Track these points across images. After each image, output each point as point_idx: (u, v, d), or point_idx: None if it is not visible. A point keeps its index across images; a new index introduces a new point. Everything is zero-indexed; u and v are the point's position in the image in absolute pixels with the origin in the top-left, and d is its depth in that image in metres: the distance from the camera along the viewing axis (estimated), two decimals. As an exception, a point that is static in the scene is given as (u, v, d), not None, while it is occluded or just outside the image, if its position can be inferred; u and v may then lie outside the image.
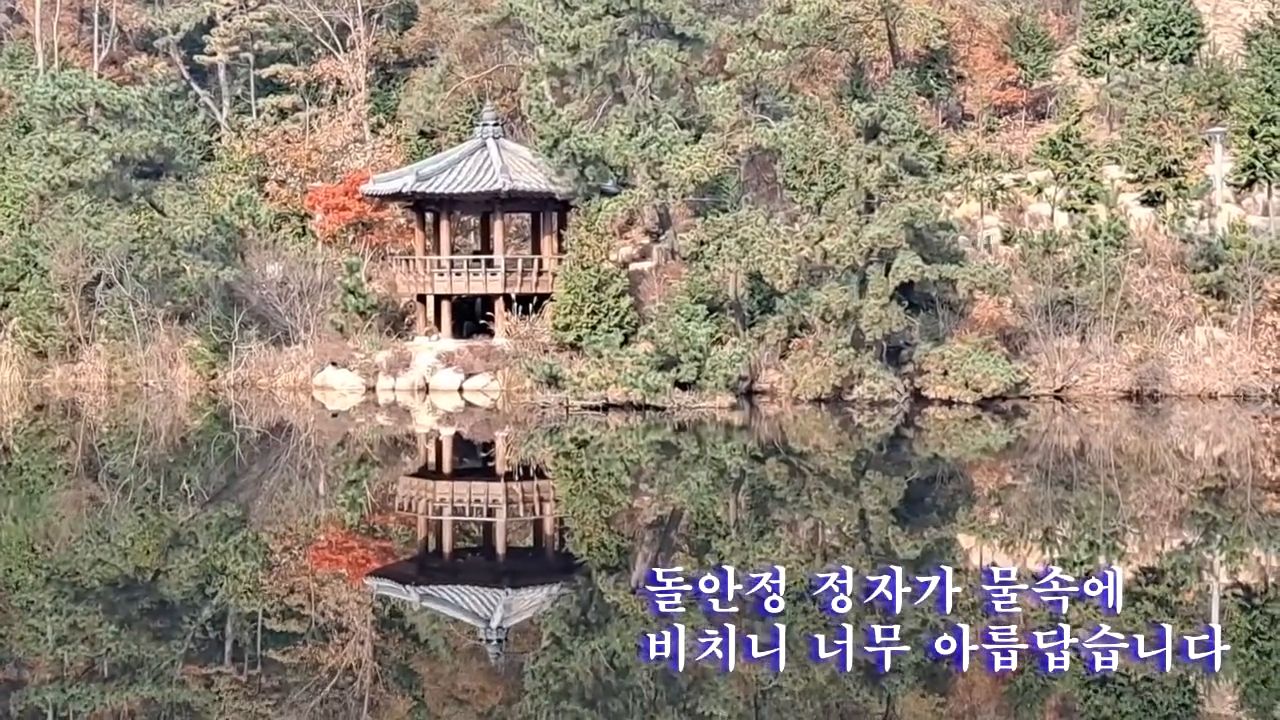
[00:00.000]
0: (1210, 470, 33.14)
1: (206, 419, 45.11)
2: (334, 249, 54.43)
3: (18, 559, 24.46)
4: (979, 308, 44.66)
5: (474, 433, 42.03)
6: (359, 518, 28.44)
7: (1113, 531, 25.61)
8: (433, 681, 17.37)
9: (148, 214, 52.55)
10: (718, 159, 46.13)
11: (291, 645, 18.50)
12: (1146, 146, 49.11)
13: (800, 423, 40.27)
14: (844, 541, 25.06)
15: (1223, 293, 44.85)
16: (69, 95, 54.03)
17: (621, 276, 46.84)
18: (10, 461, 37.01)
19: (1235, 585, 21.50)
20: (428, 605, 21.13)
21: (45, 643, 18.37)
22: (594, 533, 26.40)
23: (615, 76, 48.61)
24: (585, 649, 17.98)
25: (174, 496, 31.10)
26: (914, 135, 42.99)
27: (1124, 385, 43.85)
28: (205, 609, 20.42)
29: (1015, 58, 55.24)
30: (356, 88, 63.09)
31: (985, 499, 29.78)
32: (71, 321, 52.75)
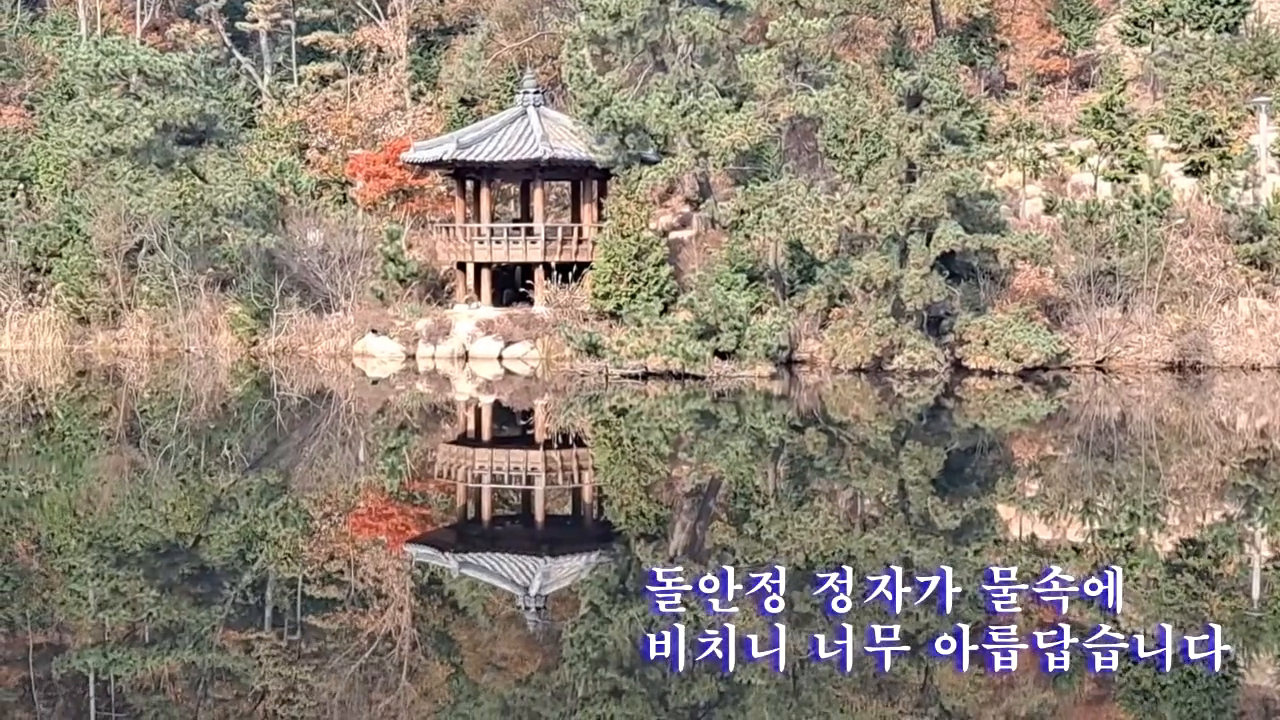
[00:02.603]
0: (1252, 442, 32.98)
1: (247, 385, 45.30)
2: (374, 216, 54.49)
3: (60, 524, 24.61)
4: (1020, 278, 44.49)
5: (513, 401, 42.09)
6: (398, 484, 28.52)
7: (1153, 503, 25.51)
8: (471, 649, 17.41)
9: (189, 181, 52.67)
10: (759, 127, 45.99)
11: (331, 611, 18.57)
12: (1190, 116, 48.81)
13: (840, 392, 40.21)
14: (883, 512, 25.02)
15: (1266, 263, 44.63)
16: (112, 62, 54.14)
17: (661, 245, 46.80)
18: (53, 427, 37.24)
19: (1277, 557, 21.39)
20: (466, 572, 21.18)
21: (87, 607, 18.49)
22: (633, 501, 26.42)
23: (656, 44, 48.44)
24: (624, 617, 17.99)
25: (215, 462, 31.24)
26: (956, 104, 42.75)
27: (1166, 356, 43.67)
28: (245, 574, 20.52)
29: (1059, 26, 54.89)
30: (397, 55, 63.08)
31: (1025, 470, 29.70)
32: (114, 288, 52.94)
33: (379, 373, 47.14)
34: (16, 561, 21.76)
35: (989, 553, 21.73)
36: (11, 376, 47.81)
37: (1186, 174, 48.65)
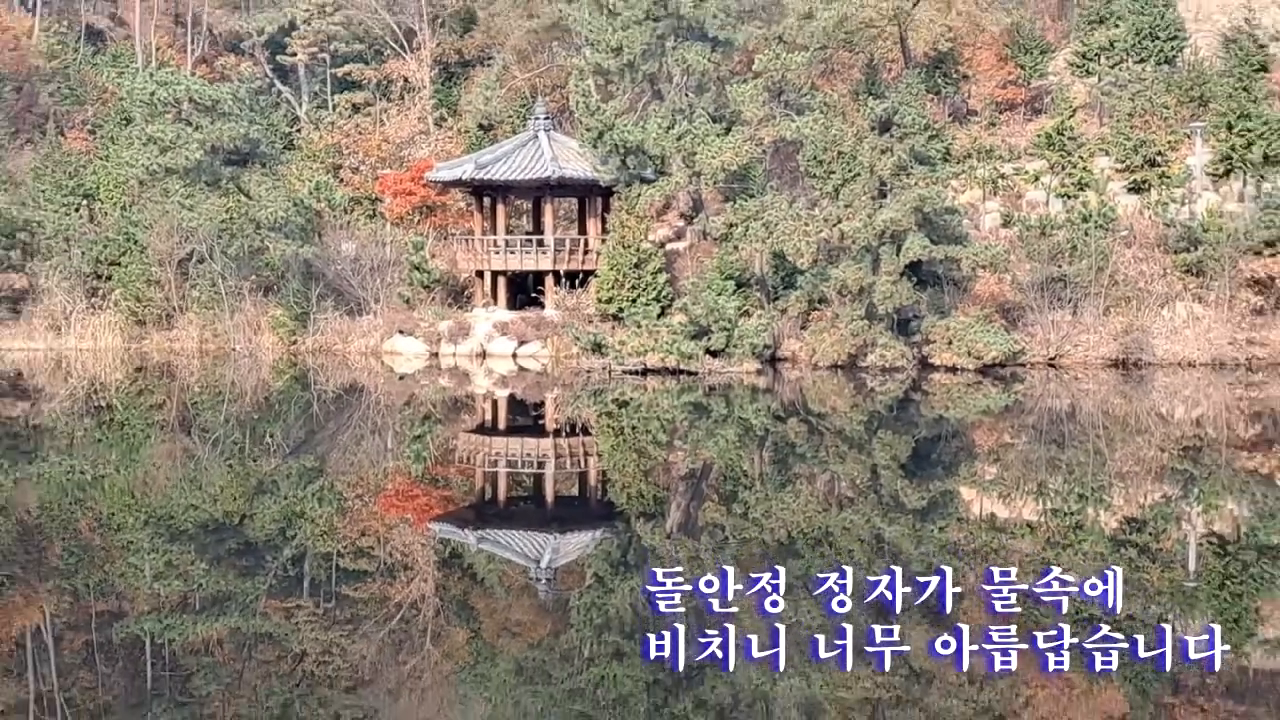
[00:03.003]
0: (1188, 431, 32.97)
1: (287, 380, 45.28)
2: (401, 229, 54.53)
3: (120, 504, 24.61)
4: (980, 284, 44.50)
5: (526, 394, 42.06)
6: (423, 469, 28.49)
7: (1100, 486, 25.51)
8: (488, 615, 17.39)
9: (236, 197, 52.67)
10: (746, 150, 46.06)
11: (362, 582, 18.55)
12: (1133, 140, 48.90)
13: (818, 387, 40.19)
14: (857, 493, 25.00)
15: (1201, 271, 44.67)
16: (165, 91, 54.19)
17: (658, 255, 46.78)
18: (113, 417, 37.23)
19: (1210, 534, 21.38)
20: (484, 547, 21.17)
21: (143, 578, 18.47)
22: (633, 483, 26.40)
23: (654, 75, 48.46)
24: (625, 587, 17.98)
25: (258, 449, 31.23)
26: (923, 129, 42.76)
27: (1111, 354, 43.76)
28: (285, 549, 20.50)
29: (1015, 59, 54.90)
30: (422, 85, 63.08)
31: (984, 456, 29.68)
32: (168, 293, 52.98)
33: (405, 369, 47.15)
34: (81, 537, 21.76)
35: (952, 530, 21.73)
36: (76, 372, 47.82)
37: (1129, 191, 48.68)
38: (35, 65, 66.14)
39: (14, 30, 67.49)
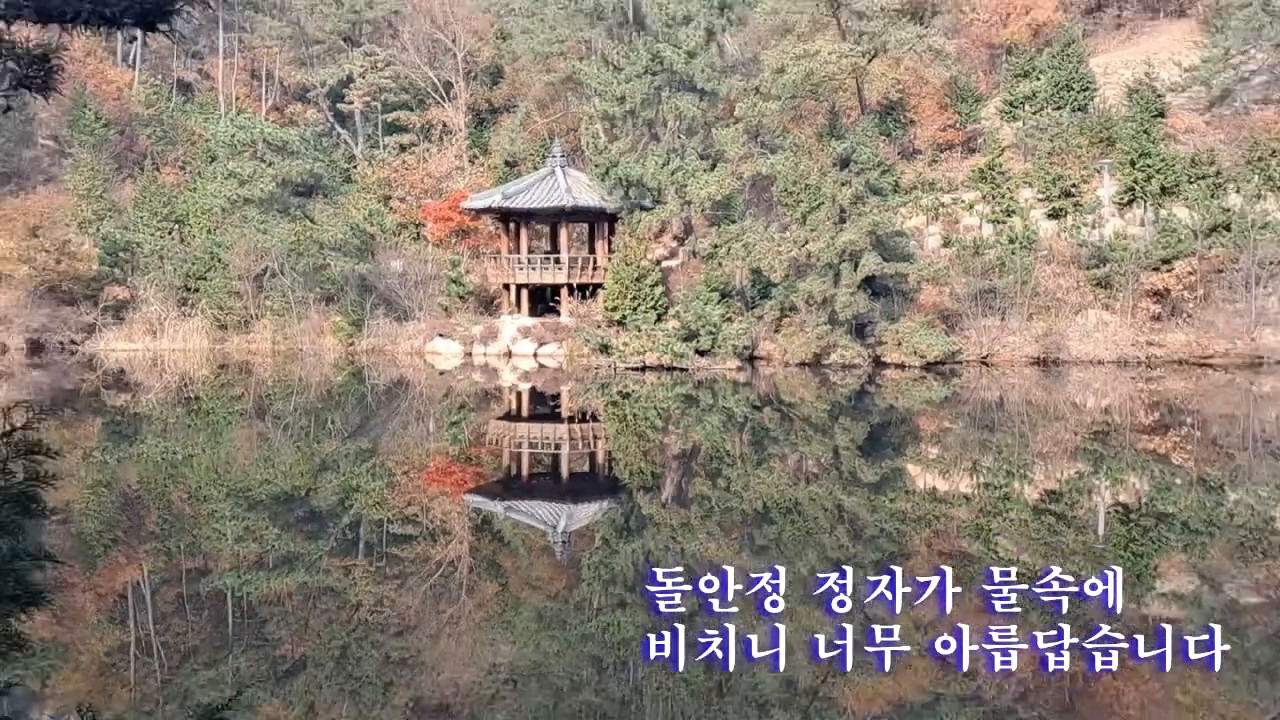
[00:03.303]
0: (1097, 418, 33.01)
1: (345, 376, 45.31)
2: (441, 250, 54.54)
3: (206, 479, 24.65)
4: (924, 295, 44.49)
5: (545, 387, 42.09)
6: (459, 450, 28.54)
7: (1024, 463, 25.54)
8: (513, 572, 17.42)
9: (303, 223, 52.75)
10: (728, 182, 46.10)
11: (408, 544, 18.58)
12: (1051, 174, 48.89)
13: (789, 381, 40.21)
14: (821, 469, 25.04)
15: (1108, 284, 44.68)
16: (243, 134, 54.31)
17: (655, 271, 46.78)
18: (200, 407, 37.28)
19: (1115, 504, 21.41)
20: (510, 515, 21.21)
21: (226, 541, 18.51)
22: (634, 462, 26.45)
23: (651, 121, 48.47)
24: (628, 548, 18.01)
25: (321, 433, 31.28)
26: (876, 165, 42.73)
27: (1033, 354, 43.79)
28: (344, 516, 20.53)
29: (953, 107, 54.82)
30: (458, 129, 63.07)
31: (928, 439, 29.72)
32: (246, 302, 53.01)
33: (444, 366, 47.18)
34: (173, 507, 21.80)
35: (901, 500, 21.75)
36: (169, 369, 47.85)
37: (1048, 217, 48.66)
38: (135, 112, 66.16)
39: (117, 83, 67.49)
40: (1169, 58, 56.00)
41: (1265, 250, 43.76)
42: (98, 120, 62.34)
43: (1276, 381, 39.26)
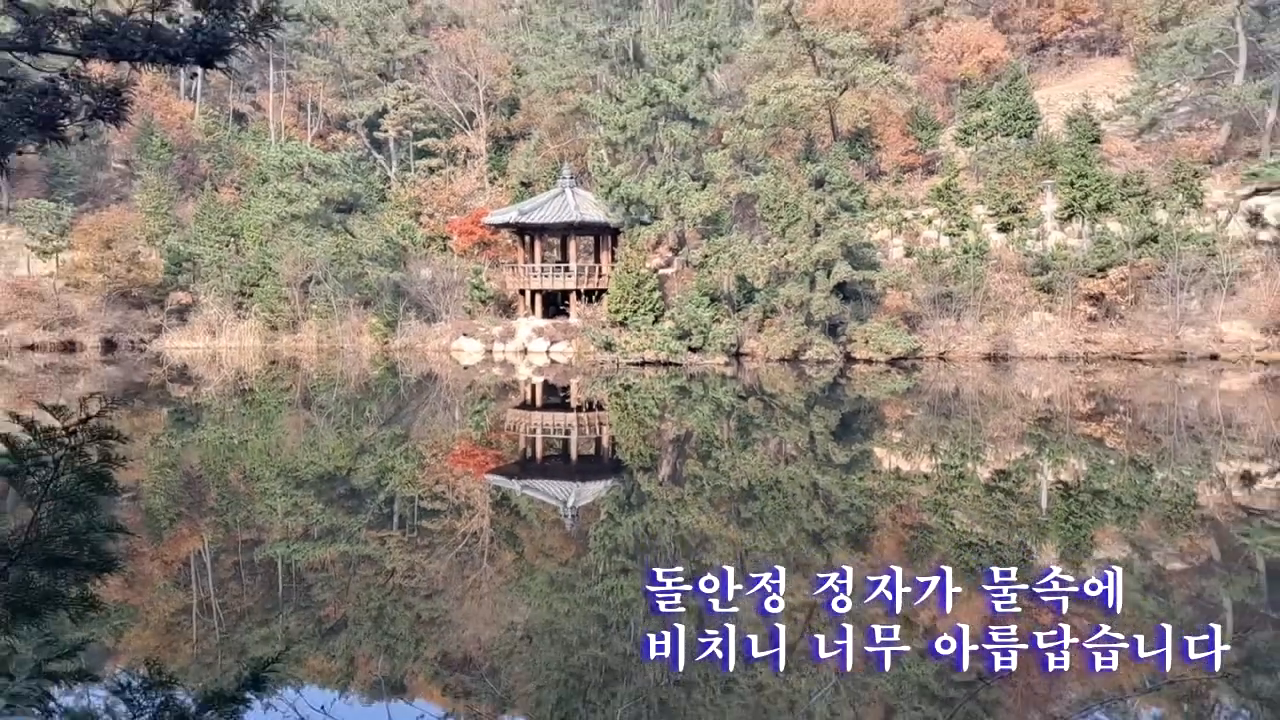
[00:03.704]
0: (1041, 407, 33.01)
1: (381, 370, 45.31)
2: (465, 259, 54.51)
3: (258, 460, 24.65)
4: (889, 299, 44.52)
5: (556, 380, 42.10)
6: (481, 435, 28.53)
7: (977, 446, 25.54)
8: (529, 541, 17.41)
9: (343, 236, 52.74)
10: (717, 200, 46.08)
11: (436, 517, 18.58)
12: (1001, 193, 48.92)
13: (770, 374, 40.21)
14: (799, 451, 25.03)
15: (1051, 289, 44.73)
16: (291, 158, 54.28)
17: (653, 278, 46.81)
18: (253, 397, 37.27)
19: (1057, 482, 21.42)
20: (525, 491, 21.21)
21: (276, 515, 18.50)
22: (634, 445, 26.43)
23: (649, 146, 48.46)
24: (629, 521, 18.00)
25: (359, 420, 31.28)
26: (846, 185, 42.74)
27: (984, 350, 43.82)
28: (380, 493, 20.53)
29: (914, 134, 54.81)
30: (479, 154, 63.03)
31: (892, 424, 29.71)
32: (293, 306, 53.01)
33: (467, 362, 47.16)
34: (230, 486, 21.80)
35: (869, 479, 21.74)
36: (225, 365, 47.84)
37: (998, 230, 48.70)
38: (196, 139, 66.11)
39: (180, 114, 67.46)
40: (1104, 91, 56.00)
41: (1188, 260, 43.83)
42: (163, 146, 62.33)
43: (1197, 374, 39.28)
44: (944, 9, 63.06)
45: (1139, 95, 52.89)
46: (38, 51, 5.44)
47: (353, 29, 67.22)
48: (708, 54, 48.78)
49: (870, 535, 17.38)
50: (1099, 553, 15.86)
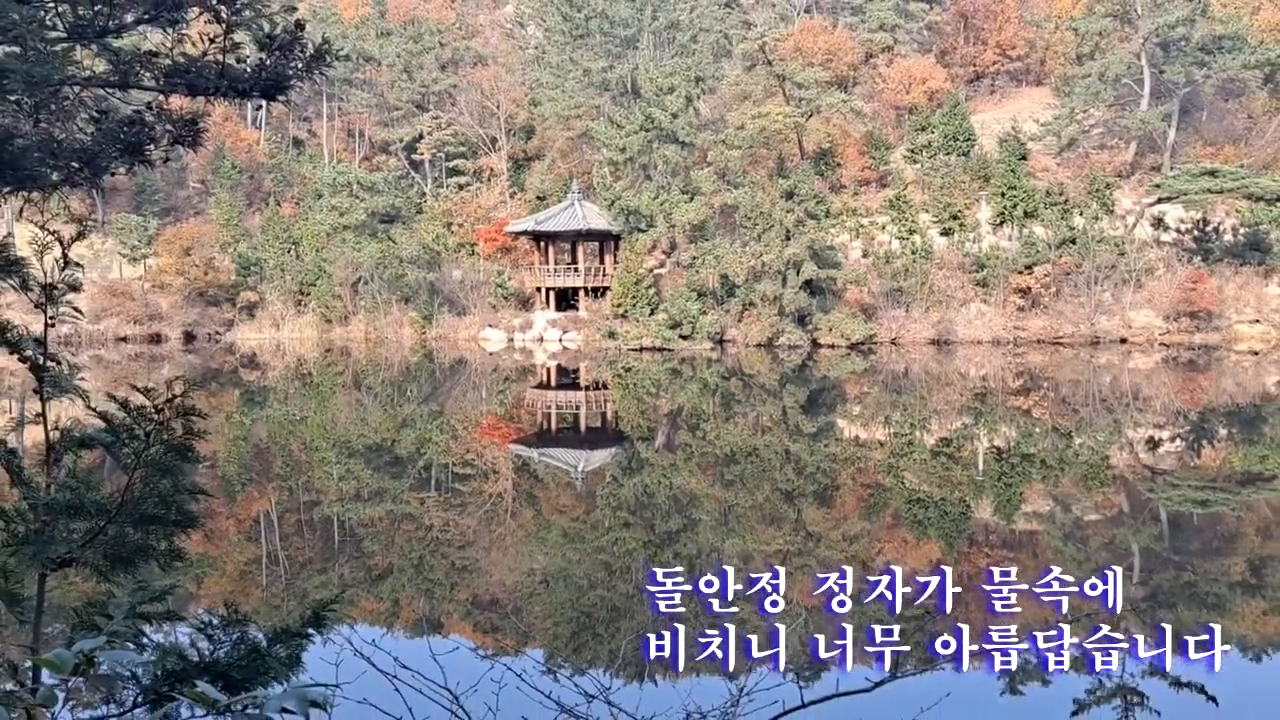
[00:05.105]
0: (977, 385, 33.07)
1: (419, 357, 45.32)
2: (490, 262, 54.39)
3: (317, 434, 24.70)
4: (849, 293, 44.46)
5: (568, 364, 42.12)
6: (504, 410, 28.57)
7: (924, 417, 25.59)
8: (546, 501, 17.46)
9: (386, 243, 52.63)
10: (703, 210, 46.03)
11: (467, 481, 18.62)
12: (943, 203, 48.81)
13: (749, 358, 40.24)
14: (774, 423, 25.07)
15: (986, 284, 44.71)
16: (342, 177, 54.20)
17: (649, 277, 46.76)
18: (311, 381, 37.29)
19: (991, 447, 21.46)
20: (543, 459, 21.26)
21: (331, 479, 18.54)
22: (634, 418, 26.47)
23: (645, 165, 48.36)
24: (630, 483, 18.04)
25: (401, 399, 31.31)
26: (813, 197, 42.67)
27: (929, 336, 43.79)
28: (419, 461, 20.57)
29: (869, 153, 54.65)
30: (501, 172, 62.83)
31: (853, 400, 29.76)
32: (345, 303, 52.92)
33: (492, 349, 47.16)
34: (293, 455, 21.84)
35: (833, 446, 21.79)
36: (287, 353, 47.83)
37: (941, 235, 48.60)
38: (260, 161, 65.91)
39: (248, 140, 67.25)
40: (1030, 115, 55.85)
41: (1101, 258, 43.88)
42: (233, 168, 62.16)
43: (1110, 356, 39.31)
44: (894, 46, 62.80)
45: (1059, 119, 52.77)
46: (126, 88, 5.44)
47: (393, 67, 66.99)
48: (694, 86, 48.63)
49: (834, 493, 17.43)
50: (1027, 506, 15.91)
